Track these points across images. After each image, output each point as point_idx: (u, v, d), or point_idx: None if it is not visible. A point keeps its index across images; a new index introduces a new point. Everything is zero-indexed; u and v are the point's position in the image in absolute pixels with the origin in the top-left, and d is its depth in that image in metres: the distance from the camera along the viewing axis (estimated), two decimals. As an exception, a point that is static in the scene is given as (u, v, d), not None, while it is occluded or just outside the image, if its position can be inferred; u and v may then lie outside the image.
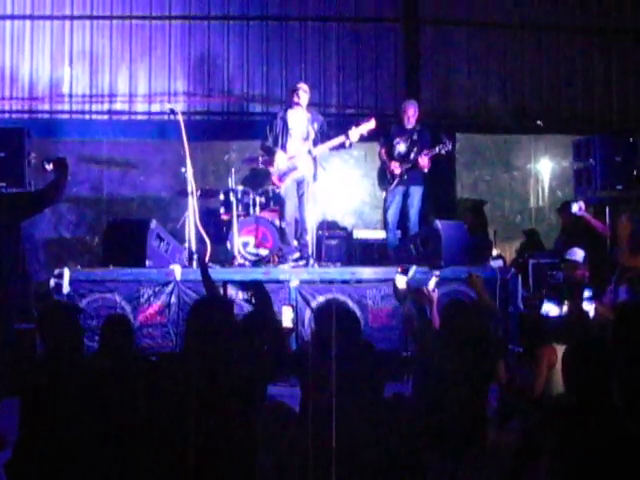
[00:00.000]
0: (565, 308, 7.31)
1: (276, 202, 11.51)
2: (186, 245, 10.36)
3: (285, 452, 5.04)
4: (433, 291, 7.82)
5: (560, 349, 6.23)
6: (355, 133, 10.49)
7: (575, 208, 11.03)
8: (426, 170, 11.24)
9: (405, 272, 7.85)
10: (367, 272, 10.02)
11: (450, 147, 11.24)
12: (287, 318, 6.78)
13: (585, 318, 7.42)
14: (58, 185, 8.16)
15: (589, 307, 7.62)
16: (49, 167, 8.24)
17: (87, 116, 13.81)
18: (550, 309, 7.35)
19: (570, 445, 4.24)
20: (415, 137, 11.35)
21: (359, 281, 9.83)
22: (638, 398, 4.74)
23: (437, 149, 11.18)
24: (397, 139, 11.39)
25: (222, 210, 11.91)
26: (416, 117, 11.49)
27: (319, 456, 4.26)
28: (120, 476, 4.99)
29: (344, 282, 9.74)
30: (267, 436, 5.17)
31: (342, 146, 10.66)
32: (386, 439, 4.45)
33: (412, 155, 11.23)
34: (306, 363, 5.38)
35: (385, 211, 11.64)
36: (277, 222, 11.30)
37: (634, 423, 4.28)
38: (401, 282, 7.70)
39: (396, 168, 11.27)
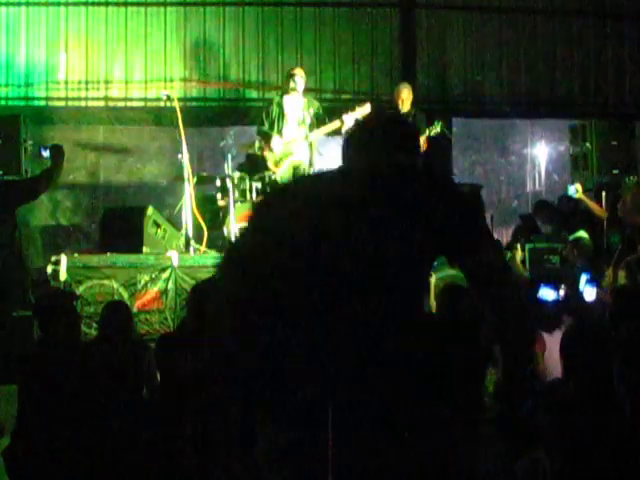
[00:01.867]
0: (562, 292, 7.33)
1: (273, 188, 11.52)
2: (183, 231, 10.36)
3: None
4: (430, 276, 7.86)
5: (552, 335, 6.30)
6: (350, 118, 10.51)
7: (571, 190, 11.04)
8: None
9: None
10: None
11: (439, 129, 11.20)
12: None
13: (582, 302, 7.44)
14: (53, 172, 8.18)
15: (589, 291, 7.64)
16: (45, 153, 8.24)
17: (83, 103, 13.77)
18: (547, 294, 7.36)
19: (570, 431, 4.25)
20: (410, 121, 11.33)
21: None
22: (636, 383, 4.75)
23: (427, 131, 11.20)
24: (393, 124, 11.36)
25: (219, 196, 11.91)
26: (410, 100, 11.47)
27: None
28: (118, 462, 5.01)
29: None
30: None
31: (338, 131, 10.68)
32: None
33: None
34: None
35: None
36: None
37: (633, 408, 4.30)
38: None
39: None
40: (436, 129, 11.17)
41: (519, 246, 9.33)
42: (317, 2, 14.00)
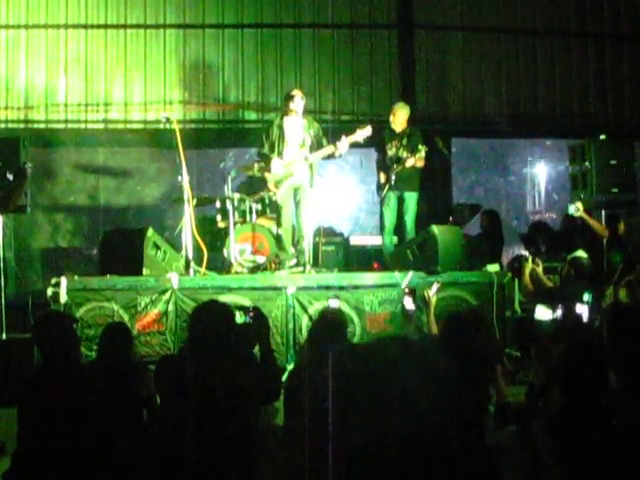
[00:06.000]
0: (559, 312, 7.31)
1: (273, 209, 11.52)
2: (183, 253, 10.34)
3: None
4: (432, 296, 7.86)
5: None
6: (344, 143, 10.50)
7: (572, 209, 11.04)
8: (418, 165, 11.19)
9: (412, 293, 7.93)
10: (364, 278, 10.01)
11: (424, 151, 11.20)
12: (409, 302, 7.06)
13: (578, 321, 7.42)
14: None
15: (582, 310, 7.63)
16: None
17: (83, 125, 13.80)
18: (543, 313, 7.34)
19: (567, 451, 4.24)
20: (405, 141, 11.36)
21: (356, 287, 9.81)
22: (634, 397, 4.74)
23: (423, 149, 11.20)
24: (389, 144, 11.42)
25: (218, 218, 11.90)
26: (403, 120, 11.50)
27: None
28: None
29: (341, 288, 9.71)
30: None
31: (333, 155, 10.68)
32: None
33: (401, 160, 11.23)
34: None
35: (381, 216, 11.66)
36: (274, 229, 11.30)
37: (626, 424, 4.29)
38: (409, 303, 7.76)
39: (382, 177, 11.38)
40: (423, 151, 11.13)
41: (530, 258, 9.31)
42: (316, 24, 14.05)
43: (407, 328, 8.52)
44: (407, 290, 8.13)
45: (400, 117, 11.51)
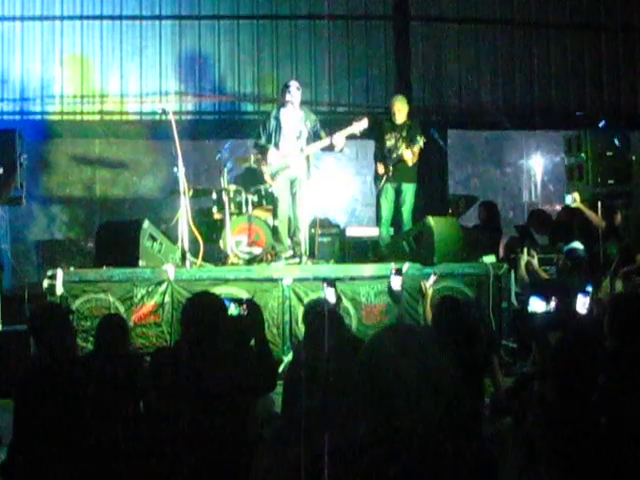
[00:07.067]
0: (552, 304, 7.29)
1: (269, 200, 11.51)
2: (179, 245, 10.34)
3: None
4: (429, 288, 7.86)
5: None
6: (340, 136, 10.49)
7: (569, 200, 11.04)
8: (410, 163, 11.17)
9: (399, 273, 7.90)
10: (360, 269, 10.02)
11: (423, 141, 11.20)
12: (396, 282, 7.05)
13: (573, 314, 7.40)
14: None
15: (581, 302, 7.61)
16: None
17: (78, 117, 13.77)
18: (537, 305, 7.32)
19: (560, 444, 4.25)
20: (404, 133, 11.33)
21: (352, 278, 9.82)
22: (629, 388, 4.74)
23: (420, 141, 11.20)
24: (387, 135, 11.39)
25: (215, 209, 11.90)
26: (404, 112, 11.47)
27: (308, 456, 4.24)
28: (114, 476, 4.99)
29: (337, 279, 9.71)
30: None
31: (331, 148, 10.67)
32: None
33: (399, 151, 11.20)
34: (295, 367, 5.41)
35: (378, 208, 11.63)
36: (270, 220, 11.30)
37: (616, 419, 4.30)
38: (396, 283, 7.74)
39: (380, 168, 11.34)
40: (422, 142, 11.13)
41: (525, 250, 9.31)
42: (311, 15, 14.01)
43: (397, 309, 8.53)
44: (394, 270, 8.10)
45: (401, 110, 11.48)
